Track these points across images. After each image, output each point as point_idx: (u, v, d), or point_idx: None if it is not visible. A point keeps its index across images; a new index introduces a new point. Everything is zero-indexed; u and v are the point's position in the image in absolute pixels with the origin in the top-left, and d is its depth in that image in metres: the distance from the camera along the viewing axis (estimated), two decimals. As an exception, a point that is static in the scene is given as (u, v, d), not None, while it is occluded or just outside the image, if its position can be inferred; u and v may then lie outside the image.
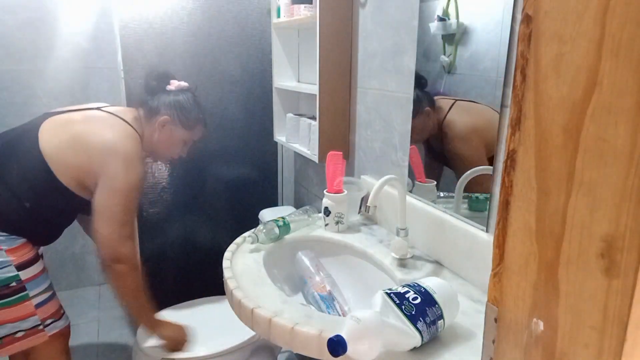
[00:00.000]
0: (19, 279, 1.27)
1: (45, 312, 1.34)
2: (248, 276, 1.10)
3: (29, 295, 1.29)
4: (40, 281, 1.33)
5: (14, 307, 1.28)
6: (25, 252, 1.30)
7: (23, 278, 1.28)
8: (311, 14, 1.51)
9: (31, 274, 1.30)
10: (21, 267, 1.28)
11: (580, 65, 0.38)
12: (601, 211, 0.37)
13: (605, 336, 0.37)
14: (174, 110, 1.46)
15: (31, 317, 1.30)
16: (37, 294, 1.32)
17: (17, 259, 1.27)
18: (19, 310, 1.29)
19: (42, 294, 1.33)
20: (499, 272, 0.49)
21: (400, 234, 1.13)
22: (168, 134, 1.47)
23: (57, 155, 1.30)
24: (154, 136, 1.46)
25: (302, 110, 1.91)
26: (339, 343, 0.71)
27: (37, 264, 1.34)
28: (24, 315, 1.30)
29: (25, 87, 2.22)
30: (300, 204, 2.11)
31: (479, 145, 1.03)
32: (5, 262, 1.26)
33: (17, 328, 1.29)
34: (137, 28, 1.73)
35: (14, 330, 1.29)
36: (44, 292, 1.34)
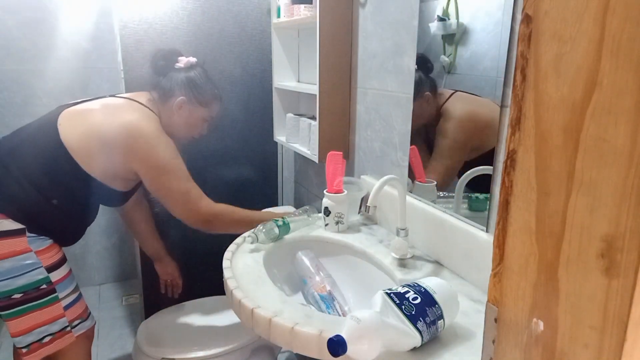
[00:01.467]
0: (49, 281, 1.26)
1: (73, 313, 1.33)
2: (248, 276, 1.10)
3: (58, 297, 1.29)
4: (68, 283, 1.32)
5: (44, 310, 1.27)
6: (54, 254, 1.29)
7: (53, 280, 1.27)
8: (311, 14, 1.51)
9: (60, 276, 1.30)
10: (51, 269, 1.27)
11: (580, 65, 0.38)
12: (601, 211, 0.37)
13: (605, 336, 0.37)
14: (189, 90, 1.42)
15: (60, 319, 1.30)
16: (66, 296, 1.31)
17: (47, 261, 1.26)
18: (49, 312, 1.27)
19: (70, 295, 1.33)
20: (499, 272, 0.49)
21: (400, 234, 1.13)
22: (186, 114, 1.44)
23: (81, 147, 1.28)
24: (172, 118, 1.43)
25: (302, 110, 1.91)
26: (339, 343, 0.71)
27: (65, 265, 1.33)
28: (54, 318, 1.28)
29: (25, 87, 2.22)
30: (300, 204, 2.11)
31: (472, 133, 1.04)
32: (36, 263, 1.24)
33: (45, 332, 1.28)
34: (137, 28, 1.72)
35: (41, 335, 1.27)
36: (72, 293, 1.33)
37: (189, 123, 1.46)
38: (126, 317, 2.28)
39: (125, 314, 2.30)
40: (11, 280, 1.22)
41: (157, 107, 1.43)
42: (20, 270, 1.22)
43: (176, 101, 1.41)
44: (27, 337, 1.26)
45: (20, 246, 1.23)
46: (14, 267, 1.22)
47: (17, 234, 1.23)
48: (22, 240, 1.23)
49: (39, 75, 2.23)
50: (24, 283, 1.23)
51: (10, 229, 1.22)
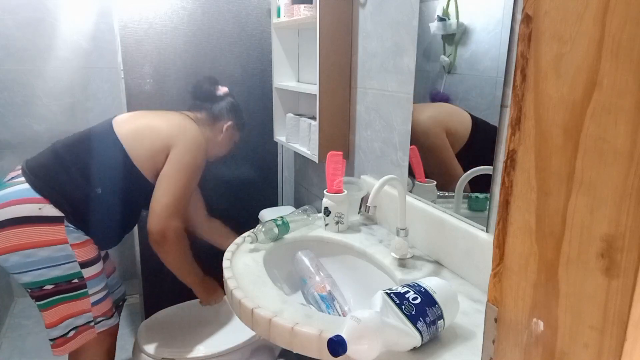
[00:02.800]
0: (81, 276, 1.30)
1: (99, 310, 1.37)
2: (248, 276, 1.10)
3: (88, 292, 1.33)
4: (99, 280, 1.36)
5: (72, 302, 1.31)
6: (89, 250, 1.33)
7: (85, 276, 1.31)
8: (311, 14, 1.51)
9: (93, 273, 1.33)
10: (84, 265, 1.31)
11: (580, 65, 0.38)
12: (601, 211, 0.37)
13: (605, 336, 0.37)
14: (235, 114, 1.60)
15: (86, 313, 1.34)
16: (95, 292, 1.35)
17: (82, 256, 1.30)
18: (77, 305, 1.32)
19: (100, 292, 1.37)
20: (499, 272, 0.49)
21: (400, 234, 1.13)
22: (229, 137, 1.60)
23: (133, 139, 1.37)
24: (217, 138, 1.57)
25: (302, 110, 1.91)
26: (339, 343, 0.71)
27: (99, 263, 1.37)
28: (80, 311, 1.33)
29: (25, 87, 2.22)
30: (300, 204, 2.11)
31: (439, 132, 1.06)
32: (70, 256, 1.28)
33: (70, 326, 1.32)
34: (137, 28, 1.72)
35: (67, 329, 1.31)
36: (101, 290, 1.37)
37: (227, 144, 1.62)
38: (126, 317, 2.28)
39: (125, 314, 2.30)
40: (46, 270, 1.26)
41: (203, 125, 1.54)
42: (55, 261, 1.26)
43: (226, 124, 1.57)
44: (54, 331, 1.31)
45: (58, 235, 1.26)
46: (50, 256, 1.25)
47: (56, 222, 1.26)
48: (59, 229, 1.26)
49: (39, 75, 2.23)
50: (58, 275, 1.27)
51: (50, 215, 1.25)
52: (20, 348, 2.02)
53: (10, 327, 2.19)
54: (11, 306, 2.36)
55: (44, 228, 1.25)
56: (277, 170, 2.14)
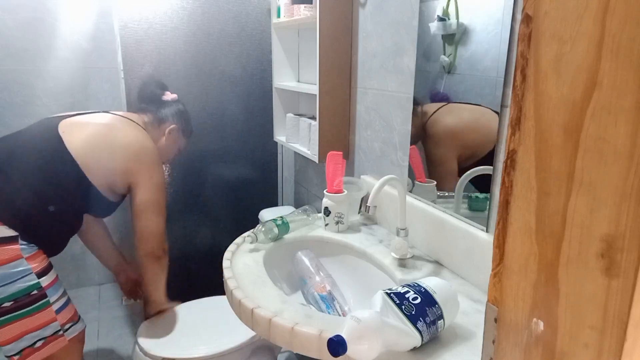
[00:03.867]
0: (40, 287, 1.27)
1: (64, 316, 1.34)
2: (248, 276, 1.10)
3: (50, 301, 1.29)
4: (57, 287, 1.34)
5: (35, 315, 1.26)
6: (42, 259, 1.30)
7: (44, 285, 1.28)
8: (311, 14, 1.51)
9: (50, 280, 1.31)
10: (41, 274, 1.28)
11: (580, 65, 0.38)
12: (601, 211, 0.37)
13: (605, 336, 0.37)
14: (180, 119, 1.59)
15: (52, 323, 1.30)
16: (57, 300, 1.32)
17: (37, 266, 1.27)
18: (41, 317, 1.28)
19: (61, 299, 1.34)
20: (499, 272, 0.49)
21: (400, 234, 1.13)
22: (172, 141, 1.59)
23: (88, 157, 1.34)
24: (160, 141, 1.56)
25: (302, 110, 1.91)
26: (339, 343, 0.71)
27: (53, 270, 1.34)
28: (46, 322, 1.29)
29: (25, 87, 2.22)
30: (300, 204, 2.11)
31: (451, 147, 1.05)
32: (26, 270, 1.24)
33: (37, 337, 1.28)
34: (137, 28, 1.72)
35: (33, 340, 1.27)
36: (61, 297, 1.35)
37: (170, 148, 1.61)
38: (126, 317, 2.28)
39: (125, 314, 2.30)
40: (3, 289, 1.21)
41: (148, 129, 1.54)
42: (11, 277, 1.22)
43: (169, 127, 1.57)
44: (19, 343, 1.26)
45: (12, 253, 1.23)
46: (5, 274, 1.21)
47: (10, 242, 1.23)
48: (14, 248, 1.23)
49: (39, 75, 2.23)
50: (15, 290, 1.23)
51: (4, 236, 1.22)
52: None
53: None
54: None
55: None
56: (277, 170, 2.14)
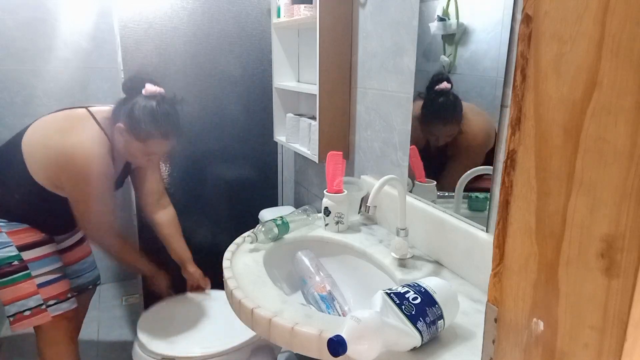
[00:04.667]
0: (20, 259, 1.35)
1: (48, 292, 1.40)
2: (248, 276, 1.10)
3: (30, 274, 1.37)
4: (45, 262, 1.40)
5: (17, 285, 1.36)
6: (28, 235, 1.38)
7: (25, 258, 1.36)
8: (311, 14, 1.51)
9: (34, 255, 1.38)
10: (23, 248, 1.36)
11: (580, 65, 0.38)
12: (601, 211, 0.37)
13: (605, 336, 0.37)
14: (127, 119, 1.37)
15: (34, 295, 1.37)
16: (41, 274, 1.39)
17: (19, 241, 1.36)
18: (22, 288, 1.36)
19: (47, 274, 1.40)
20: (499, 272, 0.49)
21: (400, 234, 1.13)
22: (123, 143, 1.41)
23: (31, 154, 1.36)
24: (115, 140, 1.42)
25: (302, 110, 1.91)
26: (339, 343, 0.71)
27: (44, 247, 1.41)
28: (27, 294, 1.37)
29: (25, 87, 2.22)
30: (300, 204, 2.11)
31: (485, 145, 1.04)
32: (6, 242, 1.34)
33: (24, 306, 1.37)
34: (137, 28, 1.72)
35: (22, 308, 1.37)
36: (49, 273, 1.40)
37: (126, 150, 1.43)
38: (126, 317, 2.28)
39: (125, 314, 2.30)
40: None
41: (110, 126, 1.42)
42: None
43: (116, 126, 1.39)
44: (11, 308, 1.37)
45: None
46: None
47: None
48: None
49: (39, 75, 2.23)
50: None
51: None
52: (20, 348, 2.02)
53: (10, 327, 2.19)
54: (11, 306, 2.36)
55: None
56: (277, 170, 2.14)
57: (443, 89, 1.16)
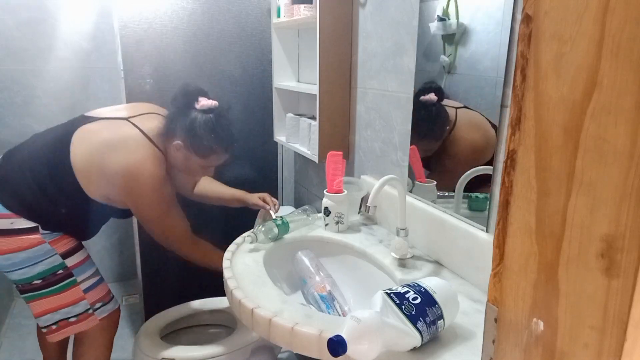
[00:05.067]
0: (65, 266, 1.35)
1: (93, 296, 1.40)
2: (248, 276, 1.10)
3: (76, 280, 1.37)
4: (86, 267, 1.40)
5: (64, 293, 1.35)
6: (67, 242, 1.37)
7: (69, 265, 1.35)
8: (311, 14, 1.51)
9: (76, 261, 1.38)
10: (66, 255, 1.35)
11: (580, 65, 0.38)
12: (601, 211, 0.37)
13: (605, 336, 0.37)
14: (188, 136, 1.34)
15: (81, 301, 1.38)
16: (85, 279, 1.39)
17: (61, 248, 1.34)
18: (69, 295, 1.36)
19: (90, 279, 1.40)
20: (499, 272, 0.49)
21: (400, 234, 1.13)
22: (182, 159, 1.38)
23: (83, 170, 1.32)
24: (171, 158, 1.39)
25: (302, 110, 1.91)
26: (339, 343, 0.71)
27: (81, 251, 1.41)
28: (75, 300, 1.37)
29: (25, 87, 2.22)
30: (300, 204, 2.11)
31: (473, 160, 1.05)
32: (50, 251, 1.32)
33: (70, 313, 1.37)
34: (137, 28, 1.72)
35: (67, 315, 1.36)
36: (91, 277, 1.41)
37: (185, 167, 1.41)
38: (126, 317, 2.27)
39: (125, 314, 2.29)
40: (28, 269, 1.30)
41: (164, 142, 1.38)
42: (35, 259, 1.30)
43: (173, 143, 1.36)
44: (55, 316, 1.35)
45: (34, 241, 1.30)
46: (29, 257, 1.30)
47: (31, 232, 1.30)
48: (36, 237, 1.30)
49: (39, 75, 2.23)
50: (41, 270, 1.31)
51: (24, 227, 1.29)
52: (20, 348, 2.02)
53: (10, 327, 2.19)
54: (11, 306, 2.36)
55: (20, 238, 1.29)
56: (277, 170, 2.14)
57: (427, 101, 1.16)
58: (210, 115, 1.36)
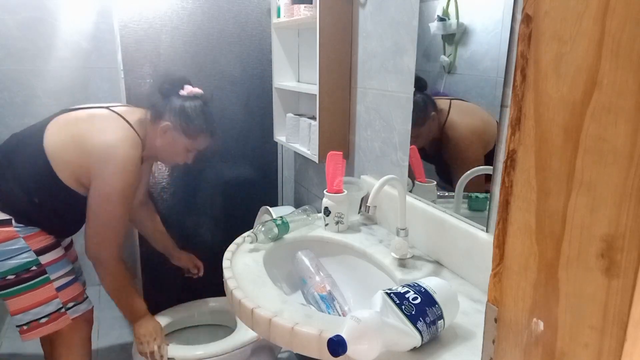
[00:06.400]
0: (38, 263, 1.33)
1: (66, 295, 1.39)
2: (248, 276, 1.10)
3: (49, 278, 1.35)
4: (60, 265, 1.39)
5: (36, 290, 1.33)
6: (43, 239, 1.36)
7: (43, 262, 1.34)
8: (311, 14, 1.51)
9: (51, 259, 1.36)
10: (40, 252, 1.34)
11: (580, 65, 0.38)
12: (601, 211, 0.37)
13: (605, 336, 0.37)
14: (177, 118, 1.41)
15: (53, 300, 1.36)
16: (58, 277, 1.37)
17: (35, 245, 1.33)
18: (41, 293, 1.34)
19: (63, 277, 1.39)
20: (499, 272, 0.49)
21: (400, 234, 1.13)
22: (169, 141, 1.43)
23: (58, 153, 1.32)
24: (156, 140, 1.43)
25: (302, 110, 1.91)
26: (339, 343, 0.71)
27: (57, 249, 1.39)
28: (47, 299, 1.35)
29: (25, 87, 2.22)
30: (300, 204, 2.11)
31: (479, 146, 1.03)
32: (24, 248, 1.31)
33: (41, 313, 1.35)
34: (137, 28, 1.72)
35: (38, 315, 1.34)
36: (65, 275, 1.39)
37: (171, 149, 1.45)
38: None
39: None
40: (1, 263, 1.29)
41: (145, 128, 1.42)
42: (9, 254, 1.30)
43: (161, 125, 1.41)
44: (26, 316, 1.34)
45: (8, 234, 1.30)
46: (2, 251, 1.29)
47: (4, 224, 1.30)
48: (9, 230, 1.30)
49: (39, 75, 2.23)
50: (14, 265, 1.30)
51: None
52: (20, 348, 2.02)
53: (10, 327, 2.19)
54: (11, 306, 2.36)
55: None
56: (277, 170, 2.14)
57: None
58: (199, 101, 1.45)
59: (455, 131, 1.10)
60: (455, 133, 1.10)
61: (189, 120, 1.42)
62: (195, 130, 1.43)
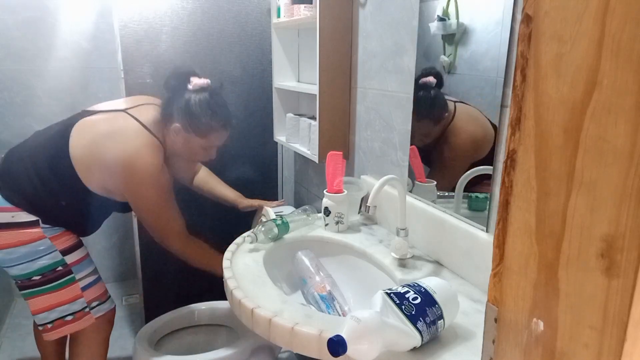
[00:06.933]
0: (64, 263, 1.35)
1: (91, 294, 1.41)
2: (248, 276, 1.10)
3: (75, 278, 1.37)
4: (85, 265, 1.41)
5: (62, 290, 1.35)
6: (68, 239, 1.37)
7: (69, 262, 1.36)
8: (311, 14, 1.51)
9: (76, 258, 1.38)
10: (66, 252, 1.36)
11: (580, 65, 0.38)
12: (601, 211, 0.37)
13: (605, 336, 0.37)
14: (185, 117, 1.36)
15: (79, 299, 1.38)
16: (83, 277, 1.39)
17: (61, 245, 1.35)
18: (67, 293, 1.36)
19: (88, 277, 1.41)
20: (499, 272, 0.49)
21: (400, 234, 1.13)
22: (183, 142, 1.40)
23: (82, 163, 1.33)
24: (171, 143, 1.41)
25: (302, 110, 1.91)
26: (339, 343, 0.71)
27: (81, 248, 1.42)
28: (72, 298, 1.37)
29: (25, 87, 2.22)
30: (300, 204, 2.11)
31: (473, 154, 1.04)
32: (50, 247, 1.33)
33: (67, 312, 1.37)
34: (137, 28, 1.72)
35: (64, 313, 1.36)
36: (89, 275, 1.41)
37: (187, 149, 1.42)
38: (126, 317, 2.27)
39: (125, 314, 2.29)
40: (29, 264, 1.31)
41: (162, 129, 1.40)
42: (35, 254, 1.31)
43: (172, 127, 1.38)
44: (51, 314, 1.35)
45: (35, 235, 1.31)
46: (29, 252, 1.31)
47: (32, 225, 1.31)
48: (36, 231, 1.31)
49: (39, 75, 2.23)
50: (41, 266, 1.32)
51: (25, 221, 1.30)
52: (20, 348, 2.02)
53: (10, 327, 2.19)
54: (11, 306, 2.36)
55: (21, 231, 1.30)
56: (277, 170, 2.14)
57: (425, 83, 1.17)
58: (205, 94, 1.38)
59: (457, 138, 1.10)
60: (457, 140, 1.10)
61: (197, 120, 1.36)
62: (205, 129, 1.38)
